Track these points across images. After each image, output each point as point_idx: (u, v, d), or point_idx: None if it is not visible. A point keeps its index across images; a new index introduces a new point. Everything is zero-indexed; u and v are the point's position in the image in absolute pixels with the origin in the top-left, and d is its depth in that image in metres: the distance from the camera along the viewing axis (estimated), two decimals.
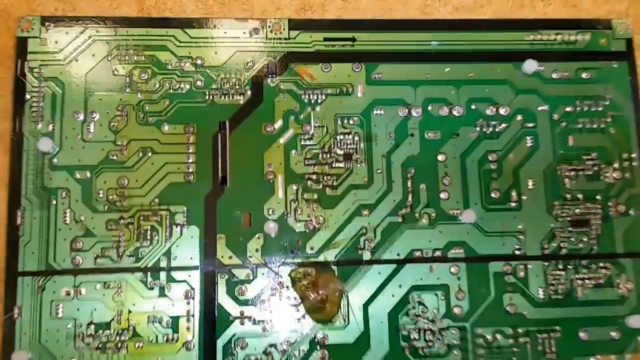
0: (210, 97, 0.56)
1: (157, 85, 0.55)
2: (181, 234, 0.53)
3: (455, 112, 0.58)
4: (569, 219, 0.55)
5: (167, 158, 0.55)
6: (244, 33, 0.57)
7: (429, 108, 0.58)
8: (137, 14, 0.57)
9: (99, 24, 0.55)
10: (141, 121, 0.55)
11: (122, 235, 0.52)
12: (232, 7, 0.58)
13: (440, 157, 0.57)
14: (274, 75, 0.56)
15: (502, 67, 0.59)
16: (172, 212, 0.54)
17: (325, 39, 0.58)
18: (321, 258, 0.53)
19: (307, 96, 0.57)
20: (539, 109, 0.58)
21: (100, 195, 0.52)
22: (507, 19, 0.60)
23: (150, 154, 0.54)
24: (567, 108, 0.58)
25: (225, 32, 0.57)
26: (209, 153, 0.55)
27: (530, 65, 0.58)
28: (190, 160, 0.55)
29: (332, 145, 0.56)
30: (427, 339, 0.53)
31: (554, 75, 0.58)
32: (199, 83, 0.56)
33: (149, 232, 0.52)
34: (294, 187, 0.54)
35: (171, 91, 0.56)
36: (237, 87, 0.56)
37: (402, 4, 0.59)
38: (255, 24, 0.57)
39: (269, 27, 0.57)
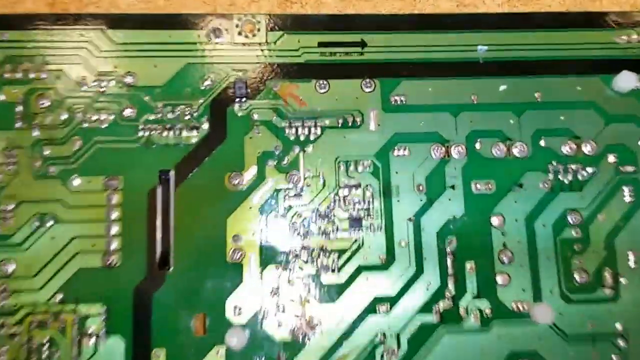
0: (146, 134, 0.45)
1: (65, 117, 0.45)
2: (96, 350, 0.42)
3: (516, 152, 0.47)
4: None
5: (77, 229, 0.44)
6: (199, 36, 0.47)
7: (477, 146, 0.47)
8: (49, 9, 0.48)
9: None
10: (38, 173, 0.44)
11: (3, 353, 0.41)
12: (187, 1, 0.49)
13: (495, 221, 0.46)
14: (244, 99, 0.46)
15: (584, 82, 0.48)
16: (82, 315, 0.42)
17: (321, 44, 0.48)
18: None
19: (293, 130, 0.46)
20: None
21: None
22: (587, 11, 0.50)
23: (50, 224, 0.43)
24: None
25: (170, 36, 0.47)
26: (142, 220, 0.44)
27: (627, 80, 0.47)
28: (113, 232, 0.44)
29: (333, 205, 0.45)
30: None
31: None
32: (128, 112, 0.46)
33: (45, 349, 0.42)
34: (274, 271, 0.44)
35: (85, 125, 0.45)
36: (187, 117, 0.46)
37: None
38: (217, 22, 0.47)
39: (238, 26, 0.47)
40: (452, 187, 0.47)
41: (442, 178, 0.47)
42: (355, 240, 0.45)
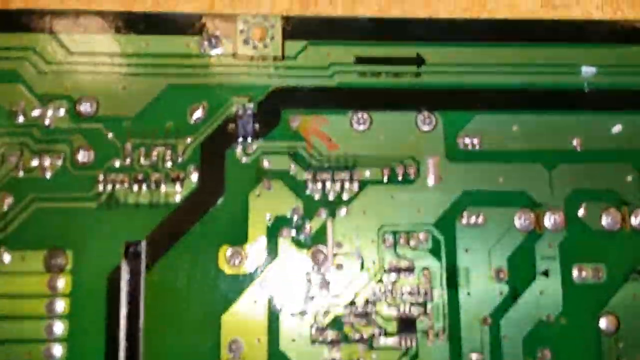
0: (108, 188, 0.42)
1: None
2: None
3: (636, 222, 0.43)
4: None
5: (4, 330, 0.40)
6: (189, 45, 0.44)
7: (581, 213, 0.43)
8: None
9: None
10: None
11: None
12: None
13: (605, 324, 0.42)
14: (250, 139, 0.43)
15: None
16: None
17: (360, 60, 0.44)
18: None
19: (319, 185, 0.42)
20: None
21: None
22: None
23: None
24: None
25: (147, 43, 0.43)
26: (99, 317, 0.40)
27: None
28: (57, 334, 0.40)
29: (374, 298, 0.41)
30: None
31: None
32: (83, 156, 0.42)
33: None
34: None
35: (20, 174, 0.41)
36: (167, 164, 0.42)
37: None
38: (214, 25, 0.44)
39: (243, 32, 0.44)
40: (545, 273, 0.43)
41: (531, 260, 0.43)
42: (407, 351, 0.42)
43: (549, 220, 0.43)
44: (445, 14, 0.47)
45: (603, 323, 0.42)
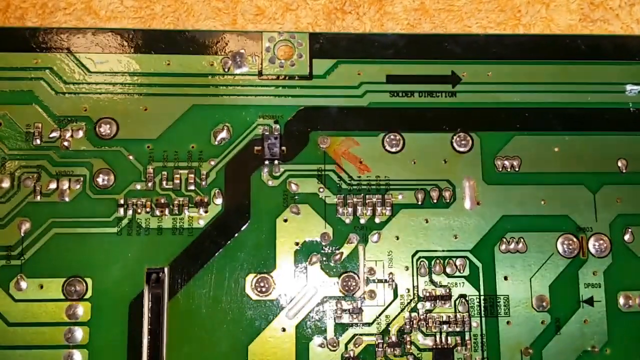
0: (129, 213, 0.43)
1: (5, 186, 0.43)
2: None
3: None
4: None
5: (26, 358, 0.41)
6: (213, 64, 0.44)
7: (627, 238, 0.44)
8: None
9: None
10: None
11: None
12: (194, 5, 0.47)
13: None
14: (277, 161, 0.43)
15: None
16: None
17: (391, 79, 0.45)
18: None
19: (349, 210, 0.43)
20: None
21: None
22: None
23: None
24: None
25: (168, 62, 0.44)
26: (120, 346, 0.41)
27: None
28: None
29: (409, 328, 0.42)
30: None
31: None
32: (103, 180, 0.43)
33: None
34: None
35: (37, 199, 0.42)
36: (191, 188, 0.43)
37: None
38: (239, 43, 0.45)
39: (269, 50, 0.45)
40: (590, 301, 0.44)
41: (575, 287, 0.44)
42: None
43: (594, 245, 0.44)
44: (478, 29, 0.47)
45: None
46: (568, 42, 0.46)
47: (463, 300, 0.43)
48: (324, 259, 0.43)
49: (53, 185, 0.43)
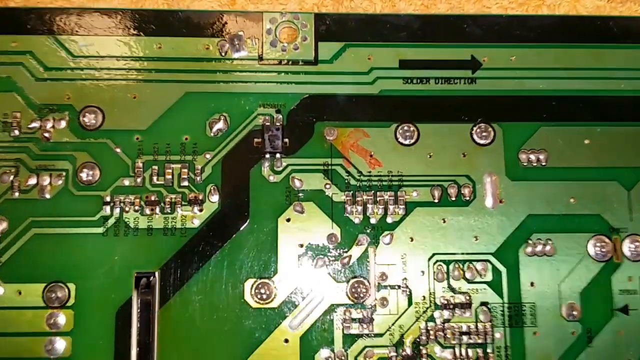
0: (116, 212, 0.43)
1: None
2: None
3: None
4: None
5: None
6: (209, 47, 0.45)
7: None
8: None
9: None
10: None
11: None
12: None
13: None
14: (279, 155, 0.43)
15: None
16: None
17: (405, 64, 0.45)
18: None
19: (359, 208, 0.43)
20: None
21: None
22: None
23: None
24: None
25: (160, 45, 0.44)
26: (106, 358, 0.41)
27: None
28: None
29: (425, 339, 0.42)
30: None
31: None
32: (86, 175, 0.43)
33: None
34: None
35: (15, 195, 0.42)
36: (184, 183, 0.43)
37: None
38: (237, 24, 0.45)
39: (270, 32, 0.45)
40: (624, 310, 0.43)
41: (608, 294, 0.43)
42: None
43: (628, 248, 0.43)
44: (498, 9, 0.47)
45: None
46: (599, 24, 0.46)
47: (485, 309, 0.42)
48: (331, 262, 0.42)
49: (32, 181, 0.42)
